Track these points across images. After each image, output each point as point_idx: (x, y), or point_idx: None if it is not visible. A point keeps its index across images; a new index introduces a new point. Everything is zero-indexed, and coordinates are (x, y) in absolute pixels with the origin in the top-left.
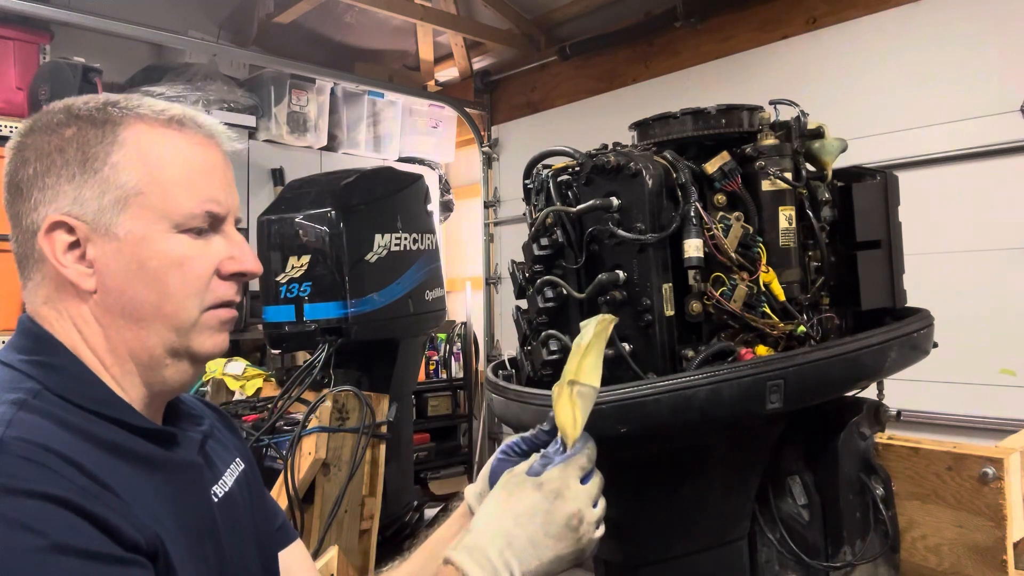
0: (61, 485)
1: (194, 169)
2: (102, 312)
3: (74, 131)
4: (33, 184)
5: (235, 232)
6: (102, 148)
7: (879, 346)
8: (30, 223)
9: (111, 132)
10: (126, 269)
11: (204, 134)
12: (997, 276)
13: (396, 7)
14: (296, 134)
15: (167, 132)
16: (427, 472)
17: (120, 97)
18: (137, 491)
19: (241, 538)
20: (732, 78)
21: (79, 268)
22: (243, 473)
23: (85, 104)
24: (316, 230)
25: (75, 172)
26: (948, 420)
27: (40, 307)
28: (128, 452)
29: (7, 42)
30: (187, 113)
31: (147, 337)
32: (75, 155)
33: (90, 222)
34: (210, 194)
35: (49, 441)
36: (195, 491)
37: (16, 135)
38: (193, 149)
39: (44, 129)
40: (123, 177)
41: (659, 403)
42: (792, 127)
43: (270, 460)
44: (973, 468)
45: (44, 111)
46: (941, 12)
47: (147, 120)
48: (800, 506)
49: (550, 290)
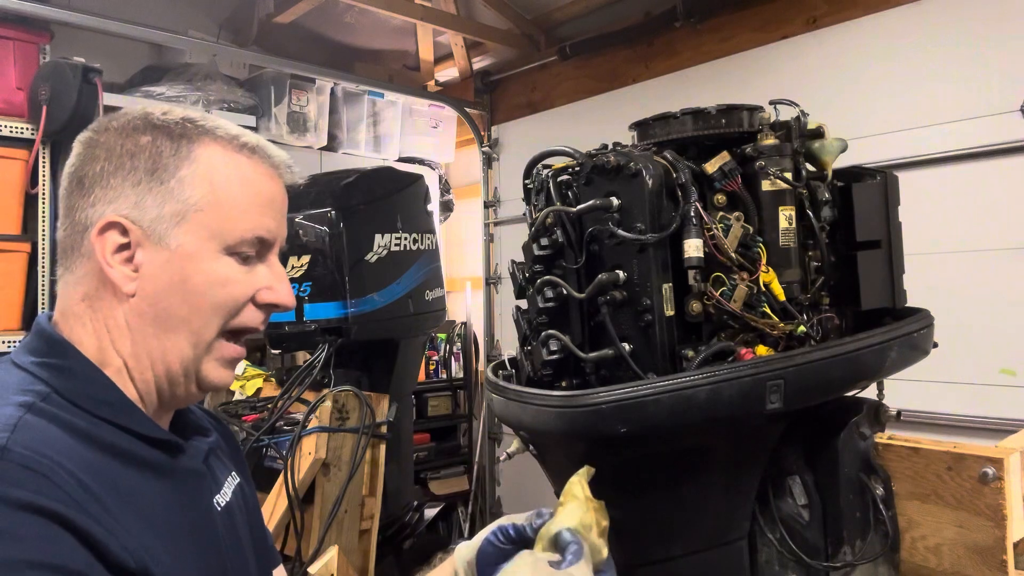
0: (56, 497)
1: (255, 197)
2: (135, 317)
3: (149, 139)
4: (97, 182)
5: (277, 263)
6: (173, 161)
7: (879, 346)
8: (83, 218)
9: (185, 147)
10: (169, 280)
11: (270, 165)
12: (997, 276)
13: (396, 7)
14: (296, 134)
15: (237, 157)
16: (427, 472)
17: (199, 115)
18: (139, 499)
19: (241, 550)
20: (732, 78)
21: (124, 270)
22: (239, 487)
23: (164, 115)
24: (316, 230)
25: (142, 178)
26: (948, 420)
27: (76, 303)
28: (134, 458)
29: (7, 42)
30: (260, 143)
31: (169, 349)
32: (146, 162)
33: (145, 228)
34: (264, 223)
35: (52, 448)
36: (200, 499)
37: (89, 130)
38: (258, 178)
39: (120, 131)
40: (187, 192)
41: (659, 403)
42: (792, 127)
43: (270, 460)
44: (973, 468)
45: (121, 114)
46: (941, 12)
47: (221, 142)
48: (800, 506)
49: (550, 290)
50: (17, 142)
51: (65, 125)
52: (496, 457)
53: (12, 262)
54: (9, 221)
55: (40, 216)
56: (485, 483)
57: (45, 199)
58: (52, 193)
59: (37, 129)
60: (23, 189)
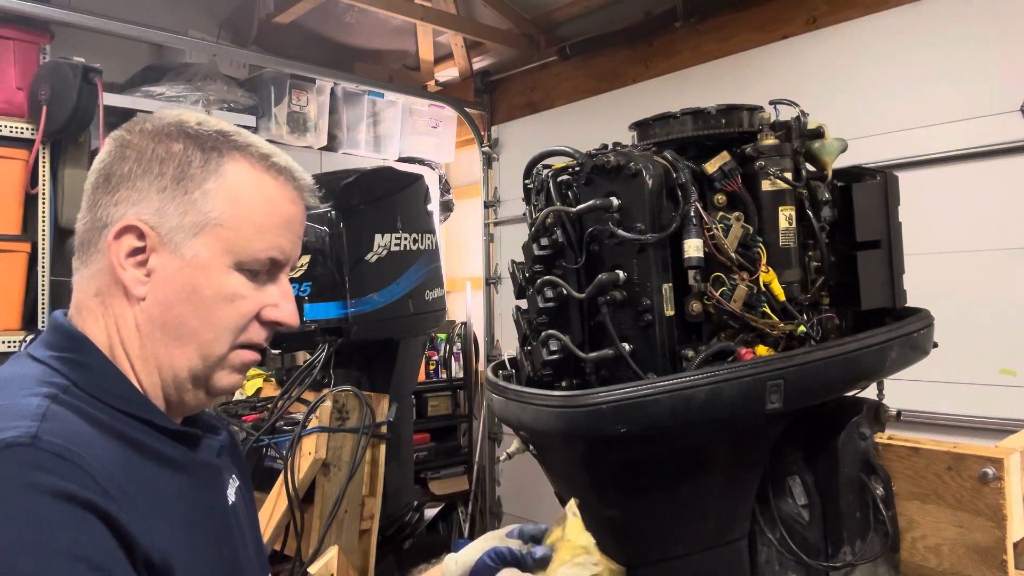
0: (89, 486)
1: (274, 218)
2: (144, 320)
3: (181, 147)
4: (123, 182)
5: (286, 282)
6: (201, 172)
7: (879, 346)
8: (105, 215)
9: (215, 160)
10: (180, 289)
11: (295, 187)
12: (997, 276)
13: (396, 7)
14: (296, 134)
15: (264, 177)
16: (427, 472)
17: (234, 129)
18: (160, 492)
19: (246, 547)
20: (732, 78)
21: (136, 274)
22: (239, 489)
23: (199, 125)
24: (316, 230)
25: (167, 185)
26: (948, 420)
27: (89, 298)
28: (154, 452)
29: (7, 42)
30: (289, 165)
31: (178, 356)
32: (174, 170)
33: (163, 235)
34: (279, 244)
35: (80, 438)
36: (216, 493)
37: (123, 129)
38: (281, 200)
39: (153, 135)
40: (210, 205)
41: (659, 403)
42: (792, 127)
43: (270, 460)
44: (973, 468)
45: (156, 116)
46: (941, 12)
47: (251, 160)
48: (800, 506)
49: (550, 290)
50: (17, 142)
51: (65, 125)
52: (496, 457)
53: (12, 262)
54: (9, 221)
55: (40, 216)
56: (485, 483)
57: (45, 199)
58: (52, 193)
59: (37, 129)
60: (23, 189)
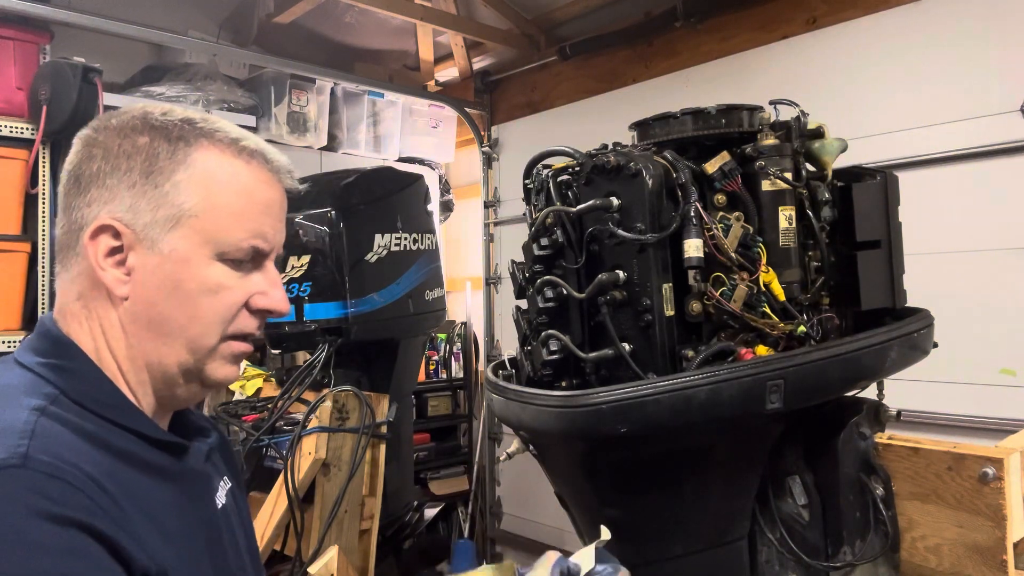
0: (83, 506)
1: (251, 204)
2: (129, 320)
3: (147, 140)
4: (93, 181)
5: (273, 269)
6: (169, 164)
7: (879, 346)
8: (79, 217)
9: (182, 151)
10: (161, 285)
11: (270, 170)
12: (997, 276)
13: (396, 7)
14: (296, 134)
15: (235, 162)
16: (427, 472)
17: (199, 116)
18: (152, 503)
19: (238, 550)
20: (732, 78)
21: (116, 274)
22: (231, 491)
23: (163, 116)
24: (316, 230)
25: (136, 180)
26: (948, 420)
27: (72, 302)
28: (142, 462)
29: (7, 42)
30: (260, 147)
31: (166, 353)
32: (142, 164)
33: (138, 232)
34: (260, 230)
35: (71, 453)
36: (205, 501)
37: (89, 128)
38: (256, 184)
39: (118, 131)
40: (182, 197)
41: (659, 403)
42: (792, 127)
43: (270, 460)
44: (973, 468)
45: (121, 112)
46: (941, 12)
47: (219, 146)
48: (800, 506)
49: (550, 290)
50: (17, 142)
51: (65, 125)
52: (496, 457)
53: (12, 262)
54: (9, 221)
55: (40, 216)
56: (485, 483)
57: (45, 199)
58: (52, 193)
59: (37, 129)
60: (23, 189)
